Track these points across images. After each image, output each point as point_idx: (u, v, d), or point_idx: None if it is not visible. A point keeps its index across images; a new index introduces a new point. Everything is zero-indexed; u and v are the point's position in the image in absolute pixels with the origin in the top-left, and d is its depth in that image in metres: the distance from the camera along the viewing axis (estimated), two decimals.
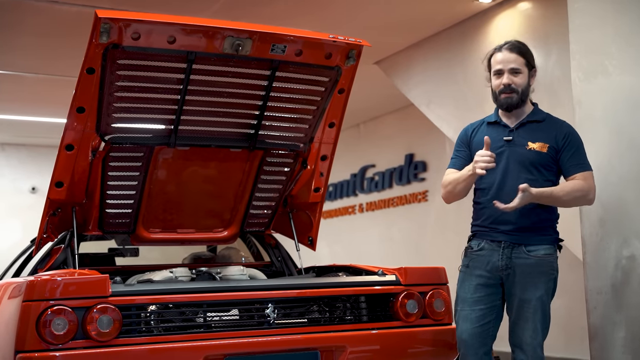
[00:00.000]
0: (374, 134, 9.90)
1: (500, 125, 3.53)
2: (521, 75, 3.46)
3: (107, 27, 3.31)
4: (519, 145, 3.44)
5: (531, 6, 5.67)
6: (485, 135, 3.46)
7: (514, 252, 3.38)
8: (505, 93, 3.45)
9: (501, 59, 3.47)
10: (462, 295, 3.48)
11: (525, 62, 3.48)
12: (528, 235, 3.39)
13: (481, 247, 3.46)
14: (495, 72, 3.48)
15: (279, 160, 4.16)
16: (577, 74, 4.11)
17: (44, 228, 4.00)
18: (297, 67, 3.74)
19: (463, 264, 3.54)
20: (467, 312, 3.43)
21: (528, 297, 3.36)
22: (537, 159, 3.42)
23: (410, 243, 9.09)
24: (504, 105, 3.48)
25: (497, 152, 3.42)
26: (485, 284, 3.43)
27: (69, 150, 3.71)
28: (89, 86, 3.50)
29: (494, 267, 3.41)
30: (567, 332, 6.48)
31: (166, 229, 4.24)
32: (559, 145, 3.44)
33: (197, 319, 3.41)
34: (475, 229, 3.54)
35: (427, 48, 6.71)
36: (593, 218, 3.94)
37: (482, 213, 3.50)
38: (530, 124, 3.49)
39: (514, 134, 3.48)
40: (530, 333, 3.35)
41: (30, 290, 3.09)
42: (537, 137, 3.44)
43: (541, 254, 3.38)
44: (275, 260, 4.70)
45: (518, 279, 3.37)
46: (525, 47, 3.52)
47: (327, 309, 3.67)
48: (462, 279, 3.52)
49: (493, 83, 3.51)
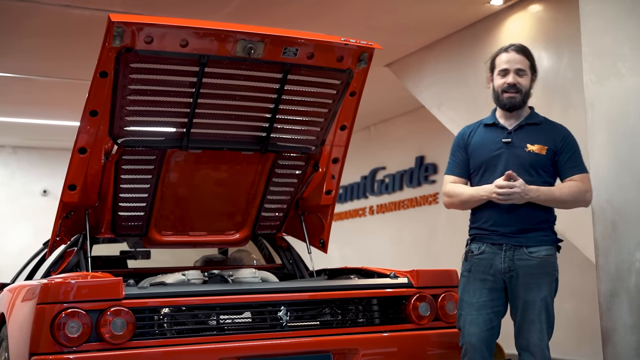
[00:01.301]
0: (385, 136, 9.89)
1: (498, 127, 3.54)
2: (526, 77, 3.50)
3: (120, 31, 3.33)
4: (518, 147, 3.46)
5: (542, 8, 5.66)
6: (483, 136, 3.50)
7: (515, 254, 3.38)
8: (510, 92, 3.47)
9: (508, 59, 3.50)
10: (468, 300, 3.46)
11: (530, 65, 3.52)
12: (528, 236, 3.40)
13: (482, 250, 3.46)
14: (501, 71, 3.50)
15: (290, 162, 4.17)
16: (589, 76, 4.10)
17: (57, 231, 4.01)
18: (308, 70, 3.74)
19: (464, 269, 3.52)
20: (474, 317, 3.42)
21: (532, 299, 3.36)
22: (536, 160, 3.44)
23: (420, 245, 9.07)
24: (507, 104, 3.49)
25: (495, 154, 3.46)
26: (491, 288, 3.42)
27: (82, 154, 3.73)
28: (102, 90, 3.52)
29: (496, 270, 3.41)
30: (578, 334, 6.46)
31: (178, 231, 4.25)
32: (557, 147, 3.47)
33: (210, 321, 3.42)
34: (474, 232, 3.53)
35: (438, 50, 6.70)
36: (606, 221, 3.92)
37: (482, 216, 3.49)
38: (529, 126, 3.51)
39: (512, 136, 3.49)
40: (537, 335, 3.34)
41: (44, 293, 3.11)
42: (536, 139, 3.47)
43: (543, 255, 3.39)
44: (287, 262, 4.71)
45: (521, 280, 3.37)
46: (530, 51, 3.56)
47: (340, 311, 3.68)
48: (465, 284, 3.50)
49: (496, 82, 3.52)
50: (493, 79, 3.55)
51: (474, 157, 3.54)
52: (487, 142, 3.52)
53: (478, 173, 3.52)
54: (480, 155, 3.52)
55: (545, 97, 5.52)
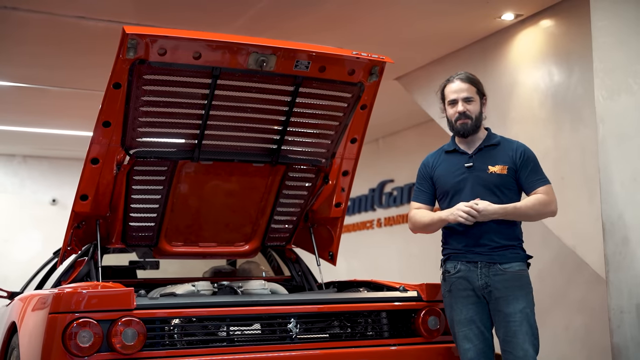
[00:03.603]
0: (393, 149, 9.90)
1: (458, 153, 3.65)
2: (474, 103, 3.60)
3: (134, 42, 3.35)
4: (480, 170, 3.56)
5: (554, 24, 5.67)
6: (446, 163, 3.62)
7: (490, 271, 3.47)
8: (461, 120, 3.58)
9: (454, 89, 3.61)
10: (457, 318, 3.53)
11: (477, 90, 3.63)
12: (500, 254, 3.48)
13: (458, 269, 3.54)
14: (450, 102, 3.62)
15: (301, 175, 4.18)
16: (600, 92, 4.11)
17: (68, 240, 4.03)
18: (320, 82, 3.77)
19: (445, 289, 3.60)
20: (465, 332, 3.49)
21: (512, 311, 3.41)
22: (500, 181, 3.53)
23: (429, 259, 9.01)
24: (460, 131, 3.61)
25: (460, 179, 3.57)
26: (475, 303, 3.49)
27: (95, 164, 3.75)
28: (115, 101, 3.55)
29: (475, 286, 3.49)
30: (587, 349, 6.42)
31: (188, 242, 4.26)
32: (517, 164, 3.56)
33: (220, 332, 3.43)
34: (448, 252, 3.62)
35: (448, 64, 6.71)
36: (617, 236, 3.92)
37: (454, 238, 3.58)
38: (487, 148, 3.61)
39: (473, 159, 3.59)
40: (521, 345, 3.37)
41: (56, 302, 3.12)
42: (496, 160, 3.57)
43: (516, 269, 3.47)
44: (296, 274, 4.71)
45: (499, 294, 3.44)
46: (475, 78, 3.67)
47: (349, 324, 3.68)
48: (449, 304, 3.57)
49: (448, 112, 3.65)
50: (445, 109, 3.67)
51: (440, 184, 3.65)
52: (451, 169, 3.62)
53: (446, 199, 3.62)
54: (446, 181, 3.62)
55: (556, 113, 5.53)
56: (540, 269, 6.40)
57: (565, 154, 5.43)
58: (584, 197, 5.21)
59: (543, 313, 3.62)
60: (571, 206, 5.18)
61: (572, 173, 5.34)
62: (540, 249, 6.31)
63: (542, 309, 3.64)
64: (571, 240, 5.39)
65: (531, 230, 4.00)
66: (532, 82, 5.78)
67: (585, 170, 5.20)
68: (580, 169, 5.28)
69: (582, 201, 5.22)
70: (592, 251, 5.02)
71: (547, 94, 5.63)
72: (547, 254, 6.63)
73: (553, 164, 5.34)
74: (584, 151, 5.25)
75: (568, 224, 5.28)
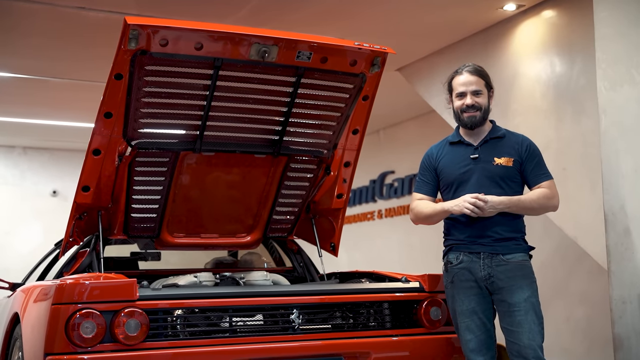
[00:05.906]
0: (394, 140, 9.89)
1: (463, 144, 3.65)
2: (482, 95, 3.61)
3: (135, 33, 3.34)
4: (486, 162, 3.56)
5: (556, 14, 5.65)
6: (451, 154, 3.62)
7: (493, 261, 3.47)
8: (469, 112, 3.58)
9: (463, 81, 3.61)
10: (459, 309, 3.53)
11: (485, 83, 3.63)
12: (503, 245, 3.49)
13: (460, 260, 3.54)
14: (458, 94, 3.62)
15: (302, 166, 4.18)
16: (602, 83, 4.10)
17: (70, 232, 4.03)
18: (322, 73, 3.76)
19: (447, 280, 3.60)
20: (467, 323, 3.50)
21: (516, 300, 3.41)
22: (505, 173, 3.54)
23: (430, 249, 9.03)
24: (468, 123, 3.60)
25: (465, 170, 3.57)
26: (477, 294, 3.49)
27: (96, 155, 3.75)
28: (116, 92, 3.54)
29: (477, 277, 3.49)
30: (588, 341, 6.44)
31: (190, 233, 4.27)
32: (522, 157, 3.57)
33: (223, 323, 3.43)
34: (450, 242, 3.62)
35: (449, 55, 6.70)
36: (619, 227, 3.92)
37: (457, 229, 3.58)
38: (493, 140, 3.62)
39: (479, 151, 3.60)
40: (527, 335, 3.37)
41: (59, 293, 3.13)
42: (502, 152, 3.58)
43: (519, 259, 3.48)
44: (298, 265, 4.71)
45: (502, 284, 3.44)
46: (483, 70, 3.67)
47: (352, 315, 3.68)
48: (451, 295, 3.57)
49: (455, 104, 3.64)
50: (452, 100, 3.66)
51: (445, 175, 3.64)
52: (456, 160, 3.62)
53: (450, 190, 3.61)
54: (451, 172, 3.61)
55: (558, 104, 5.52)
56: (542, 260, 6.39)
57: (567, 145, 5.42)
58: (585, 188, 5.21)
59: (544, 304, 3.62)
60: (573, 197, 5.18)
61: (574, 164, 5.34)
62: (541, 240, 6.31)
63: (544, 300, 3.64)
64: (573, 231, 5.39)
65: (533, 221, 4.00)
66: (534, 73, 5.77)
67: (587, 161, 5.20)
68: (582, 160, 5.27)
69: (584, 192, 5.22)
70: (594, 242, 5.02)
71: (549, 85, 5.62)
72: (549, 245, 6.64)
73: (555, 155, 5.34)
74: (586, 142, 5.24)
75: (570, 215, 5.28)
